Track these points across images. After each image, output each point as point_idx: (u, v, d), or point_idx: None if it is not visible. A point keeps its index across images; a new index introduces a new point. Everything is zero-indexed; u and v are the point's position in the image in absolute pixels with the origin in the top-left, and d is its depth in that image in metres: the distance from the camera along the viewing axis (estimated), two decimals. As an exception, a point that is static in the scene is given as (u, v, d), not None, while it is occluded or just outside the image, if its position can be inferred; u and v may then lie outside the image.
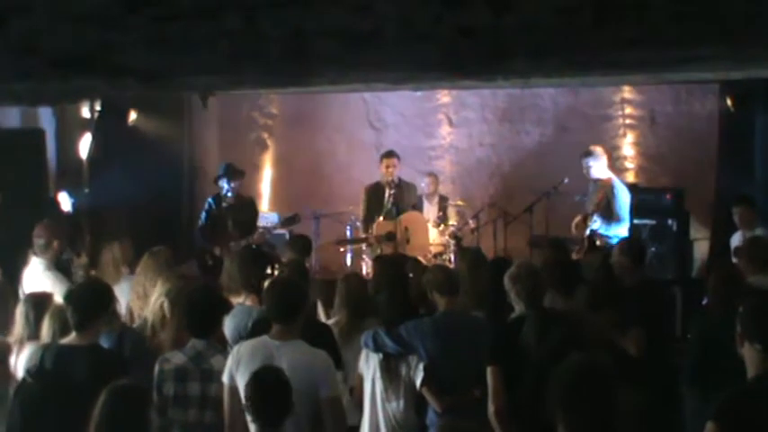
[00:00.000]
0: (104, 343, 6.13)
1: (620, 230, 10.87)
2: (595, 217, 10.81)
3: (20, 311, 6.75)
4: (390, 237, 11.57)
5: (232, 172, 11.54)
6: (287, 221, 12.12)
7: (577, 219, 11.30)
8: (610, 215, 10.81)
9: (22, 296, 7.32)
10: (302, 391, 5.15)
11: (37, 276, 8.20)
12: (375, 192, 12.20)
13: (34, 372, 5.65)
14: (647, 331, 7.08)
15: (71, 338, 5.84)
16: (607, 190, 11.02)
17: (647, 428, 6.83)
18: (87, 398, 4.91)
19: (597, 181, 11.23)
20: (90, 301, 5.93)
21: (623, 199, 11.01)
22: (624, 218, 10.96)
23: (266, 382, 5.05)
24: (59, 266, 8.69)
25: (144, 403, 4.90)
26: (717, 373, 6.11)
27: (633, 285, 7.73)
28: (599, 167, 11.21)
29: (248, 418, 5.32)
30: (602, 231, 10.74)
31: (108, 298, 6.19)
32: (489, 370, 5.96)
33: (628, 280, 7.81)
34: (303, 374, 5.25)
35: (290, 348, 5.59)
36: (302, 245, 9.00)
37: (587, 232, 10.83)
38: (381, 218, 11.96)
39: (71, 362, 5.66)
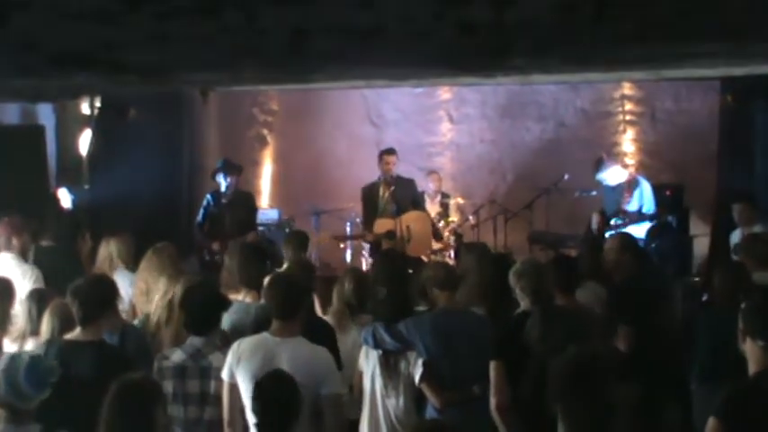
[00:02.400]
0: (107, 340, 6.13)
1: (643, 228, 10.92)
2: (623, 220, 10.84)
3: (23, 307, 6.77)
4: (390, 235, 11.54)
5: (229, 167, 11.54)
6: (280, 225, 12.16)
7: (597, 217, 11.26)
8: (639, 213, 10.85)
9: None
10: (303, 388, 5.15)
11: (9, 270, 8.23)
12: (371, 192, 12.16)
13: None
14: (637, 327, 7.08)
15: (75, 334, 5.84)
16: (633, 188, 11.07)
17: (640, 424, 6.84)
18: (91, 393, 4.92)
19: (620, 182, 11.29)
20: (95, 297, 5.93)
21: (649, 195, 11.04)
22: (654, 213, 11.00)
23: (276, 388, 5.04)
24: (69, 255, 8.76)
25: (154, 397, 4.90)
26: (724, 370, 6.12)
27: (622, 281, 7.75)
28: (615, 173, 11.26)
29: (250, 418, 5.34)
30: (627, 230, 10.74)
31: (113, 294, 6.20)
32: (492, 365, 5.98)
33: (618, 276, 7.84)
34: (304, 371, 5.25)
35: (291, 345, 5.60)
36: (299, 240, 8.95)
37: (612, 231, 10.81)
38: (380, 216, 11.92)
39: (75, 357, 5.66)
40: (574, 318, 6.05)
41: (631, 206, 11.09)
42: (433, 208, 12.93)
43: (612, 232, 10.85)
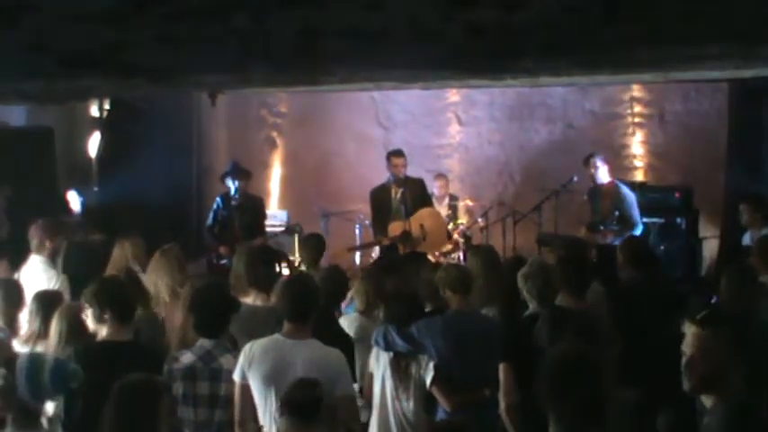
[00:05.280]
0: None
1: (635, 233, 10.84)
2: (607, 226, 10.76)
3: (29, 310, 6.76)
4: (405, 237, 11.47)
5: (236, 171, 11.57)
6: (288, 230, 12.16)
7: (584, 231, 11.19)
8: (624, 223, 10.76)
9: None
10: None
11: (36, 274, 8.23)
12: (381, 195, 12.11)
13: (87, 367, 5.54)
14: (638, 329, 7.06)
15: (110, 334, 5.87)
16: (614, 196, 10.99)
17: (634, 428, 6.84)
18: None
19: (600, 186, 11.20)
20: (130, 297, 6.00)
21: (633, 202, 10.96)
22: (639, 221, 10.92)
23: (302, 396, 5.03)
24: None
25: (156, 397, 4.90)
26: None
27: (626, 285, 7.73)
28: (605, 170, 11.20)
29: (261, 415, 5.35)
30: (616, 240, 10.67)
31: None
32: (502, 367, 5.97)
33: (624, 279, 7.83)
34: (318, 373, 5.24)
35: (304, 347, 5.60)
36: (314, 244, 8.89)
37: (598, 239, 10.76)
38: (393, 219, 11.86)
39: (119, 357, 5.71)
40: (583, 319, 6.04)
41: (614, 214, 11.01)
42: (440, 211, 12.88)
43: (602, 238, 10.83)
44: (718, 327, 4.18)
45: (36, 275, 8.19)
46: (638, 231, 10.87)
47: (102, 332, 5.95)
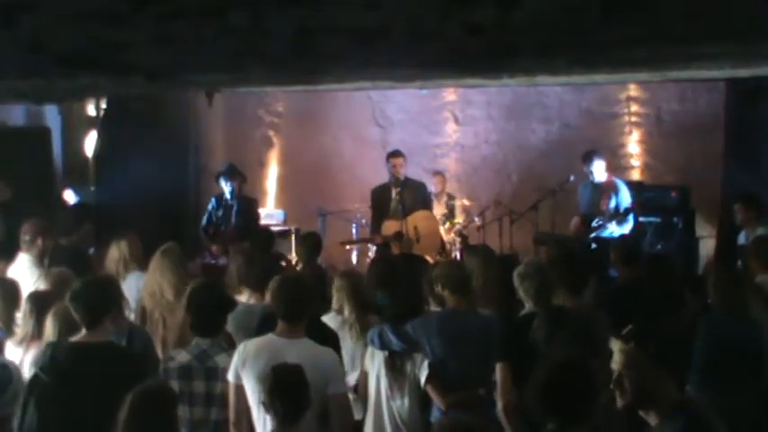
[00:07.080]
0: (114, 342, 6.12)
1: (627, 229, 10.90)
2: (603, 220, 10.82)
3: (23, 310, 6.74)
4: (399, 237, 11.50)
5: (231, 172, 11.63)
6: (280, 234, 12.23)
7: (576, 221, 11.29)
8: (620, 216, 10.82)
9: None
10: (311, 388, 5.15)
11: (22, 272, 8.22)
12: (381, 194, 12.14)
13: (48, 369, 5.57)
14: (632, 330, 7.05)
15: (82, 336, 5.81)
16: (612, 191, 11.04)
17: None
18: (102, 395, 4.90)
19: (598, 184, 11.27)
20: (98, 298, 5.90)
21: (628, 198, 11.04)
22: (630, 218, 10.98)
23: (285, 378, 5.05)
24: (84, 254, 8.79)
25: (174, 402, 4.92)
26: (724, 374, 6.10)
27: (621, 285, 7.73)
28: (603, 168, 11.27)
29: (255, 415, 5.35)
30: (609, 233, 10.74)
31: (116, 294, 6.17)
32: (499, 366, 5.97)
33: (620, 279, 7.84)
34: (311, 372, 5.24)
35: (297, 346, 5.60)
36: (312, 243, 8.89)
37: (593, 234, 10.83)
38: (389, 219, 11.88)
39: (84, 359, 5.63)
40: (579, 319, 6.03)
41: (610, 206, 11.11)
42: (438, 209, 12.90)
43: (593, 234, 10.90)
44: (643, 341, 4.15)
45: (22, 274, 8.18)
46: (628, 226, 10.95)
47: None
